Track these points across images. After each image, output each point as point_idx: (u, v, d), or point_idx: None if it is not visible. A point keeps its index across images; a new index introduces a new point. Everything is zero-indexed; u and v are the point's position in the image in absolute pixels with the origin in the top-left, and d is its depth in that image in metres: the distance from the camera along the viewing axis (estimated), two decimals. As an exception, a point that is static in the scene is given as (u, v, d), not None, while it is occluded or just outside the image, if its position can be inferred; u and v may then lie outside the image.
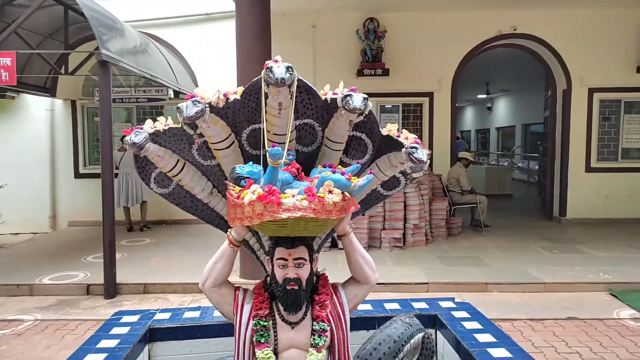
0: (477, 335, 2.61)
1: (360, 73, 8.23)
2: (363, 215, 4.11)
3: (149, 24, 8.59)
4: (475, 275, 5.22)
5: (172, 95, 8.77)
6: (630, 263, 5.64)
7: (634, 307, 4.40)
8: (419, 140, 2.40)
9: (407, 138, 2.41)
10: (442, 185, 8.00)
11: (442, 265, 5.70)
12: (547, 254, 6.19)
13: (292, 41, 8.48)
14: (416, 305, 3.29)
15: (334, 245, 6.70)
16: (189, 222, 8.22)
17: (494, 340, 2.53)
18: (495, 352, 2.37)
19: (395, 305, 3.32)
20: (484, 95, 19.59)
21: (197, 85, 8.71)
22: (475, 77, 14.47)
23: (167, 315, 2.74)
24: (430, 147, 8.63)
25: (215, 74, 8.28)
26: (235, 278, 5.15)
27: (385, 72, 8.17)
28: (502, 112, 20.85)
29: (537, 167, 14.06)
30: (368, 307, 3.28)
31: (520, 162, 18.42)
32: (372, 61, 8.21)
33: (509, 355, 2.32)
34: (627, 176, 8.42)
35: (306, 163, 2.39)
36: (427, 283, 4.97)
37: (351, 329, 2.89)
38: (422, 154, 2.29)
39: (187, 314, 2.77)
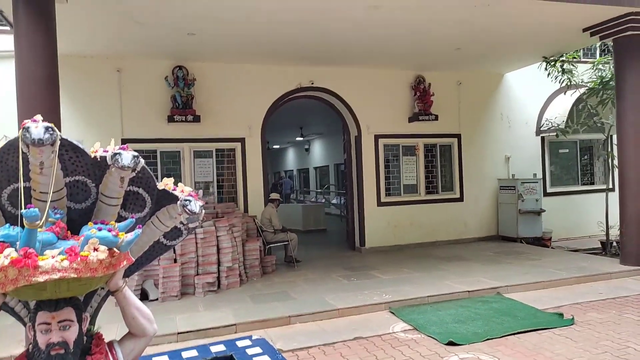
0: (264, 368, 2.83)
1: (171, 119, 8.23)
2: (146, 265, 4.08)
3: None
4: (281, 309, 5.57)
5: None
6: (407, 282, 6.73)
7: (404, 320, 5.27)
8: (193, 193, 2.60)
9: (183, 191, 2.59)
10: (256, 226, 8.37)
11: (253, 304, 5.93)
12: (345, 282, 6.96)
13: (95, 84, 8.08)
14: (214, 348, 3.39)
15: (144, 297, 6.41)
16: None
17: (278, 369, 2.79)
18: (276, 380, 2.63)
19: (193, 353, 3.37)
20: (300, 138, 21.21)
21: (-26, 129, 7.55)
22: (289, 121, 15.64)
23: None
24: (244, 190, 8.99)
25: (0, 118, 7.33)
26: (20, 349, 4.52)
27: (197, 119, 8.34)
28: (318, 153, 22.80)
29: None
30: (165, 358, 3.27)
31: (334, 199, 20.24)
32: (182, 107, 8.29)
33: (287, 380, 2.60)
34: (408, 208, 10.07)
35: (81, 220, 2.37)
36: (235, 324, 5.12)
37: (144, 384, 2.85)
38: (195, 205, 2.49)
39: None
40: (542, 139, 11.22)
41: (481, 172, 10.69)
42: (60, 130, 4.84)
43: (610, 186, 9.87)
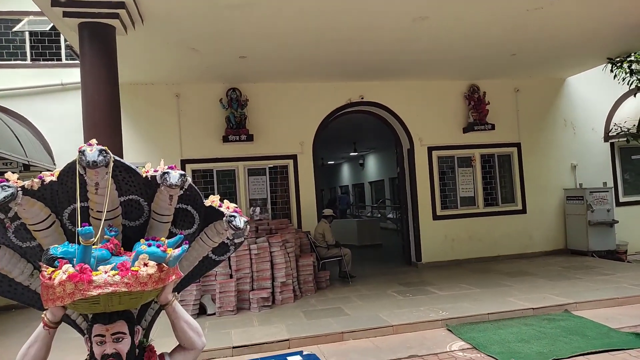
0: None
1: (225, 139, 8.53)
2: (198, 281, 4.19)
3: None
4: (334, 325, 5.53)
5: (22, 169, 8.16)
6: (465, 299, 6.45)
7: (463, 338, 5.03)
8: (238, 209, 2.67)
9: (228, 207, 2.66)
10: (309, 242, 8.41)
11: (306, 319, 5.93)
12: (400, 298, 6.79)
13: (156, 109, 8.56)
14: (264, 363, 3.41)
15: (202, 312, 6.61)
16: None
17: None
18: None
19: (245, 367, 3.41)
20: (354, 153, 21.19)
21: (52, 157, 8.23)
22: (342, 137, 15.69)
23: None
24: (298, 206, 9.09)
25: (73, 144, 7.94)
26: None
27: (250, 138, 8.59)
28: (372, 167, 22.65)
29: (401, 217, 15.32)
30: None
31: (390, 213, 19.93)
32: (236, 128, 8.58)
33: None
34: (466, 221, 9.71)
35: (135, 237, 2.49)
36: (288, 339, 5.14)
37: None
38: (240, 221, 2.55)
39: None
40: (612, 145, 10.47)
41: (545, 182, 10.13)
42: (122, 154, 5.15)
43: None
